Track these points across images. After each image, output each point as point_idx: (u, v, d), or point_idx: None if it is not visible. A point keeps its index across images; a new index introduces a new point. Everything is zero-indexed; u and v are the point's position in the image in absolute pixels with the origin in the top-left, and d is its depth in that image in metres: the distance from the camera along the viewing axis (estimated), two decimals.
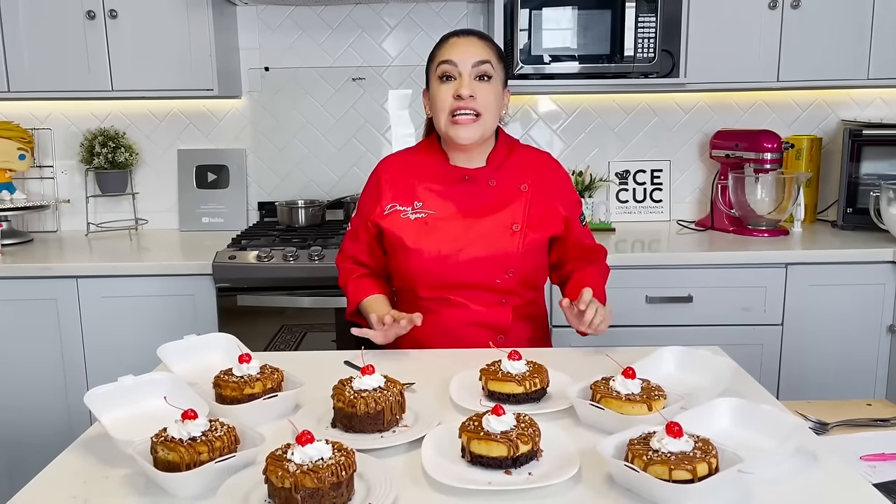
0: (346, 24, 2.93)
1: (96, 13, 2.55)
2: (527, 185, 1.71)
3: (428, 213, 1.68)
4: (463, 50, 1.63)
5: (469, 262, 1.65)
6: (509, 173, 1.72)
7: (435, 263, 1.65)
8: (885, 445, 1.38)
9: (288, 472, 0.93)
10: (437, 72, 1.65)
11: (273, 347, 2.42)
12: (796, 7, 2.53)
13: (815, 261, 2.40)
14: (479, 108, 1.62)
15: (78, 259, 2.49)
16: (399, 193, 1.71)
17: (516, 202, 1.69)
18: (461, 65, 1.62)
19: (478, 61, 1.62)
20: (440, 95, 1.63)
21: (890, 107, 2.94)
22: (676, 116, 2.98)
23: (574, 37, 2.57)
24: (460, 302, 1.68)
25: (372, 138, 3.00)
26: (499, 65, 1.67)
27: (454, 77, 1.63)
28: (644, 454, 0.98)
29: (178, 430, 1.03)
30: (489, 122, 1.65)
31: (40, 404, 2.43)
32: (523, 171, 1.73)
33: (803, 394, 2.43)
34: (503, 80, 1.70)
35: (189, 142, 3.01)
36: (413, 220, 1.68)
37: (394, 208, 1.71)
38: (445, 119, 1.64)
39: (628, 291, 2.40)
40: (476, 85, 1.62)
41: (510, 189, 1.70)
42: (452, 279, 1.66)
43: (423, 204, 1.69)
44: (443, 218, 1.68)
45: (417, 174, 1.72)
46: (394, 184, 1.73)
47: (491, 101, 1.64)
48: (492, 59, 1.64)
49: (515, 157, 1.75)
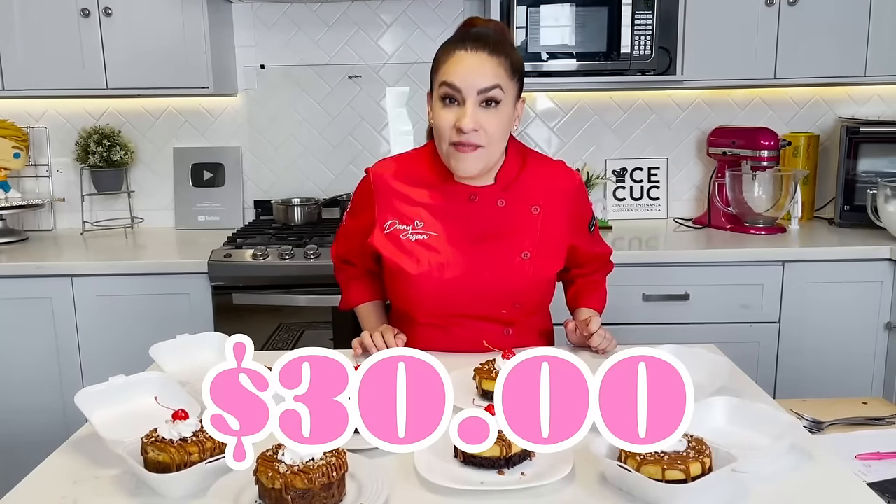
0: (343, 22, 2.92)
1: (91, 11, 2.54)
2: (538, 206, 1.55)
3: (430, 234, 1.53)
4: (468, 72, 1.43)
5: (473, 291, 1.52)
6: (520, 192, 1.56)
7: (435, 291, 1.52)
8: (880, 444, 1.37)
9: (279, 472, 0.92)
10: (439, 91, 1.46)
11: (270, 346, 2.41)
12: (793, 4, 2.53)
13: (813, 258, 2.39)
14: (482, 142, 1.44)
15: (73, 258, 2.49)
16: (398, 210, 1.56)
17: (526, 226, 1.54)
18: (465, 91, 1.42)
19: (484, 88, 1.42)
20: (440, 119, 1.46)
21: (887, 104, 2.94)
22: (674, 114, 2.97)
23: (571, 34, 2.56)
24: (459, 332, 1.56)
25: (369, 136, 3.00)
26: (511, 82, 1.47)
27: (457, 102, 1.44)
28: (637, 454, 0.98)
29: (169, 430, 1.03)
30: (494, 152, 1.49)
31: (35, 403, 2.43)
32: (535, 189, 1.57)
33: (800, 391, 2.43)
34: (516, 95, 1.51)
35: (185, 140, 3.00)
36: (413, 241, 1.53)
37: (394, 227, 1.55)
38: (446, 146, 1.47)
39: (625, 289, 2.39)
40: (481, 114, 1.43)
41: (520, 211, 1.55)
42: (453, 309, 1.54)
43: (424, 224, 1.54)
44: (445, 241, 1.53)
45: (418, 188, 1.56)
46: (392, 198, 1.57)
47: (496, 129, 1.45)
48: (502, 82, 1.44)
49: (527, 173, 1.58)
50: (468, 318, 1.56)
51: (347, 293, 1.77)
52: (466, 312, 1.55)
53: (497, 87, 1.43)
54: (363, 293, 1.75)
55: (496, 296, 1.53)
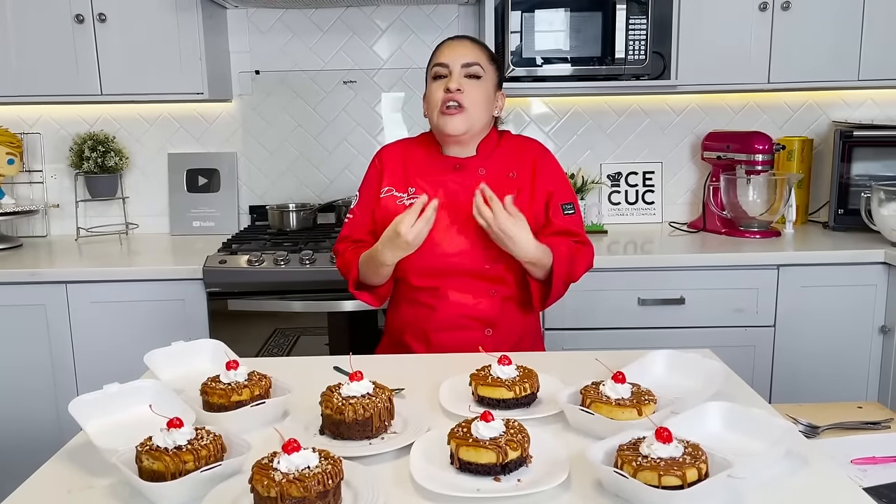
0: (337, 27, 2.93)
1: (85, 17, 2.53)
2: (515, 172, 1.78)
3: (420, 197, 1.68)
4: (454, 51, 1.74)
5: (458, 248, 1.71)
6: (498, 162, 1.79)
7: (425, 248, 1.66)
8: (875, 449, 1.38)
9: (274, 480, 0.92)
10: (432, 73, 1.76)
11: (266, 351, 2.41)
12: (786, 9, 2.54)
13: (807, 262, 2.40)
14: (465, 102, 1.69)
15: (67, 264, 2.48)
16: (396, 179, 1.79)
17: (504, 189, 1.72)
18: (451, 65, 1.72)
19: (467, 62, 1.72)
20: (433, 93, 1.74)
21: (881, 107, 2.95)
22: (668, 118, 2.98)
23: (566, 39, 2.57)
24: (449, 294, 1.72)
25: (364, 141, 2.99)
26: (490, 66, 1.76)
27: (446, 76, 1.72)
28: (633, 460, 0.98)
29: (164, 438, 1.02)
30: (475, 116, 1.72)
31: (29, 411, 2.42)
32: (511, 158, 1.80)
33: (796, 395, 2.43)
34: (495, 82, 1.79)
35: (179, 145, 3.00)
36: (407, 205, 1.72)
37: (390, 192, 1.79)
38: (437, 113, 1.72)
39: (620, 293, 2.40)
40: (465, 81, 1.71)
41: (499, 177, 1.76)
42: (442, 265, 1.71)
43: (415, 190, 1.76)
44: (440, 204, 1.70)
45: (413, 162, 1.81)
46: (393, 170, 1.81)
47: (478, 96, 1.72)
48: (482, 61, 1.74)
49: (504, 146, 1.82)
50: (456, 276, 1.72)
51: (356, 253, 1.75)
52: (453, 269, 1.71)
53: (478, 65, 1.72)
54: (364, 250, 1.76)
55: (477, 250, 1.70)
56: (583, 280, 2.39)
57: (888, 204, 2.43)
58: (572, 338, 2.39)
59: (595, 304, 2.39)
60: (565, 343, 2.39)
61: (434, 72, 1.75)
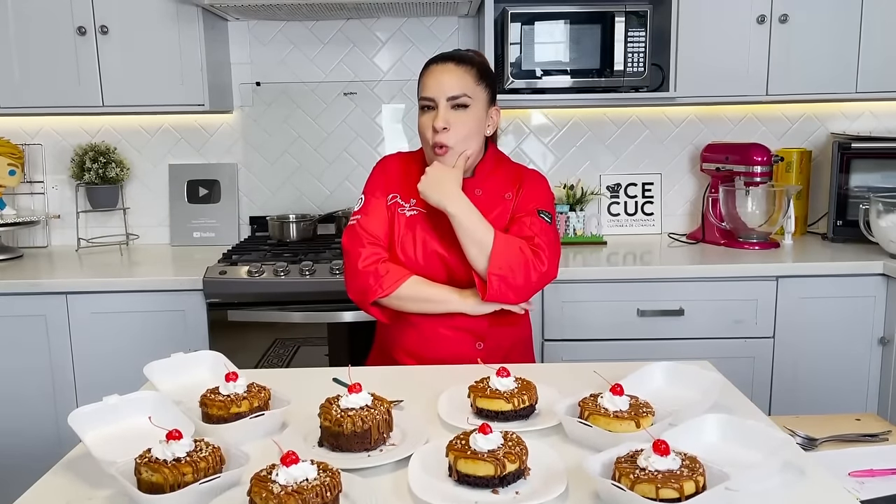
0: (338, 39, 2.94)
1: (87, 29, 2.55)
2: (511, 194, 1.80)
3: (420, 210, 1.77)
4: (439, 84, 1.70)
5: (453, 261, 1.73)
6: (495, 184, 1.81)
7: (421, 259, 1.73)
8: (873, 461, 1.37)
9: (272, 493, 0.92)
10: (420, 104, 1.75)
11: (266, 362, 2.41)
12: (784, 21, 2.55)
13: (806, 273, 2.40)
14: (450, 141, 1.69)
15: (68, 275, 2.49)
16: (399, 189, 1.81)
17: (499, 209, 1.77)
18: (437, 99, 1.70)
19: (452, 95, 1.69)
20: (422, 125, 1.74)
21: (879, 119, 2.96)
22: (667, 130, 2.99)
23: (565, 51, 2.58)
24: None
25: (364, 152, 3.01)
26: (478, 88, 1.73)
27: (434, 108, 1.71)
28: (631, 472, 0.98)
29: (163, 450, 1.03)
30: (462, 149, 1.72)
31: (29, 422, 2.42)
32: (509, 182, 1.82)
33: (795, 406, 2.43)
34: (487, 101, 1.76)
35: (180, 156, 3.01)
36: (408, 216, 1.77)
37: (395, 199, 1.81)
38: (429, 149, 1.74)
39: (620, 305, 2.40)
40: (452, 115, 1.70)
41: (495, 198, 1.79)
42: (435, 277, 1.74)
43: (416, 202, 1.78)
44: (431, 217, 1.75)
45: (414, 178, 1.78)
46: (397, 179, 1.82)
47: (465, 130, 1.70)
48: (468, 89, 1.70)
49: (502, 171, 1.84)
50: None
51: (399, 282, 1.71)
52: (446, 281, 1.75)
53: (464, 95, 1.70)
54: None
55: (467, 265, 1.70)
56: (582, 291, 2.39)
57: (886, 215, 2.44)
58: (571, 348, 2.39)
59: (594, 314, 2.40)
60: (564, 354, 2.39)
61: (421, 104, 1.74)
